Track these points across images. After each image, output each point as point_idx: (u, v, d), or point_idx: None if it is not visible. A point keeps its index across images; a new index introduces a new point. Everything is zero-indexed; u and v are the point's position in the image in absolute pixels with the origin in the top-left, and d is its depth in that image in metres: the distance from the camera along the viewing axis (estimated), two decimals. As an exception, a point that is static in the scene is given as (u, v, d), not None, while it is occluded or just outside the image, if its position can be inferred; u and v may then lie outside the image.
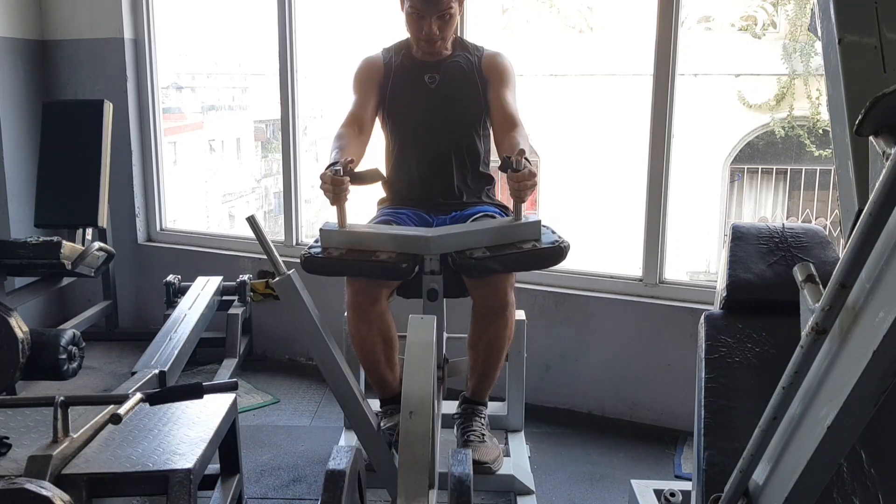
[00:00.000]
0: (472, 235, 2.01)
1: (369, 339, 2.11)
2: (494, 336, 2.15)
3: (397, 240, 2.00)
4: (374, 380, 2.21)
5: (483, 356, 2.19)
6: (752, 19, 6.06)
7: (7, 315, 1.96)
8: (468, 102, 2.32)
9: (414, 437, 1.40)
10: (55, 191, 3.44)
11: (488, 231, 2.02)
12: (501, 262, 1.98)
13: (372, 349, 2.12)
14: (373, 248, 1.99)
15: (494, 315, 2.12)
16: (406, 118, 2.36)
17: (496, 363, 2.21)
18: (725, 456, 1.39)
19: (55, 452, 1.62)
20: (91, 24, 3.81)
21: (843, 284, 0.91)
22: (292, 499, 2.41)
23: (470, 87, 2.32)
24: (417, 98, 2.32)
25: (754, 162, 6.52)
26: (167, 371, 2.52)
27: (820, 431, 0.96)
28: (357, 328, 2.10)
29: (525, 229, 2.01)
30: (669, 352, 2.87)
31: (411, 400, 1.45)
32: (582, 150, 6.42)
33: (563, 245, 2.01)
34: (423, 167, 2.34)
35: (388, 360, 2.17)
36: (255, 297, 3.54)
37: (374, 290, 2.07)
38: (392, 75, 2.34)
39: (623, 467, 2.63)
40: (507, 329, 2.16)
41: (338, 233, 2.01)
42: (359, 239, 2.01)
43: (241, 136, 7.65)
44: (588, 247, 4.96)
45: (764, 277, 1.63)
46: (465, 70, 2.32)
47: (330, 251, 2.00)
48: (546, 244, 2.01)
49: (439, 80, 2.31)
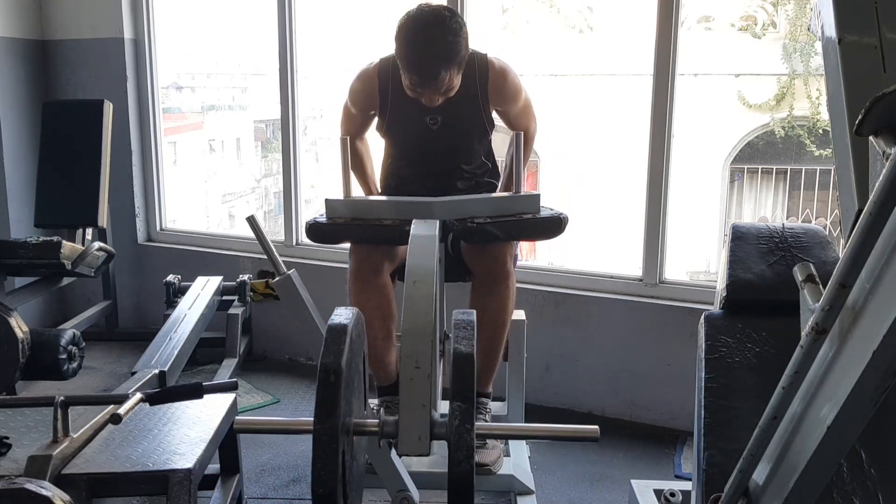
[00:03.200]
0: (474, 203, 2.07)
1: (368, 311, 2.06)
2: (497, 307, 2.14)
3: (401, 206, 2.05)
4: (372, 359, 2.15)
5: (485, 331, 2.12)
6: (752, 19, 6.06)
7: (7, 315, 1.96)
8: (473, 135, 2.28)
9: (418, 300, 1.47)
10: (55, 191, 3.44)
11: (490, 200, 2.10)
12: (502, 228, 2.04)
13: (370, 322, 2.08)
14: (376, 216, 2.04)
15: (495, 284, 2.14)
16: (406, 149, 2.32)
17: (499, 339, 2.19)
18: (725, 456, 1.39)
19: (55, 452, 1.62)
20: (91, 24, 3.81)
21: (843, 284, 0.91)
22: (292, 499, 2.41)
23: (475, 120, 2.24)
24: (418, 136, 2.25)
25: (754, 162, 6.52)
26: (167, 371, 2.52)
27: (820, 431, 0.96)
28: (357, 298, 2.10)
29: (525, 201, 2.09)
30: (669, 352, 2.87)
31: (415, 271, 1.53)
32: (582, 150, 6.42)
33: (562, 217, 2.09)
34: (422, 177, 2.33)
35: (387, 337, 2.16)
36: (255, 297, 3.54)
37: (377, 259, 2.09)
38: (389, 104, 2.22)
39: (623, 467, 2.63)
40: (509, 300, 2.17)
41: (342, 202, 2.05)
42: (363, 207, 2.07)
43: (241, 136, 7.65)
44: (588, 247, 4.96)
45: (764, 277, 1.63)
46: (468, 102, 2.20)
47: (335, 220, 2.03)
48: (546, 215, 2.09)
49: (441, 122, 2.21)
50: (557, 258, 4.53)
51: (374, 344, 2.14)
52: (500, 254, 2.13)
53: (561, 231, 2.07)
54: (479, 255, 2.14)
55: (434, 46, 1.99)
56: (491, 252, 2.11)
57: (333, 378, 1.20)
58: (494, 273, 2.13)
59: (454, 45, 2.01)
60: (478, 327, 2.18)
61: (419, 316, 1.44)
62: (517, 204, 2.08)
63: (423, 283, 1.51)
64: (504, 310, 2.16)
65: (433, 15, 2.02)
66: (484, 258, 2.13)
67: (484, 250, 2.11)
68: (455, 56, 2.02)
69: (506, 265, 2.14)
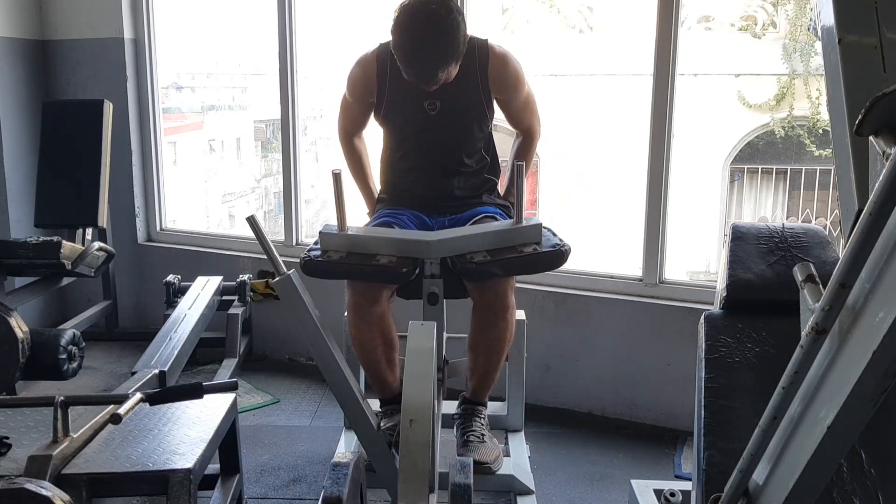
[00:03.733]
0: (472, 239, 2.00)
1: (370, 341, 2.10)
2: (494, 338, 2.14)
3: (397, 243, 1.99)
4: (375, 380, 2.20)
5: (483, 358, 2.19)
6: (752, 19, 6.06)
7: (7, 315, 1.96)
8: (472, 121, 2.25)
9: (414, 445, 1.41)
10: (55, 191, 3.44)
11: (489, 234, 2.01)
12: (502, 266, 1.97)
13: (372, 350, 2.12)
14: (373, 252, 1.98)
15: (495, 317, 2.12)
16: (404, 137, 2.30)
17: (496, 365, 2.21)
18: (725, 456, 1.39)
19: (55, 452, 1.62)
20: (91, 24, 3.81)
21: (843, 284, 0.91)
22: (292, 499, 2.41)
23: (474, 106, 2.22)
24: (416, 123, 2.23)
25: (754, 162, 6.53)
26: (167, 371, 2.52)
27: (820, 431, 0.96)
28: (358, 329, 2.10)
29: (526, 233, 2.01)
30: (669, 352, 2.87)
31: (411, 408, 1.44)
32: (582, 150, 6.42)
33: (564, 249, 2.01)
34: (422, 172, 2.30)
35: (389, 361, 2.17)
36: (255, 297, 3.54)
37: (374, 292, 2.06)
38: (388, 89, 2.21)
39: (623, 467, 2.63)
40: (507, 332, 2.16)
41: (338, 236, 2.00)
42: (359, 242, 2.00)
43: (241, 136, 7.65)
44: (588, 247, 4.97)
45: (764, 277, 1.63)
46: (468, 88, 2.19)
47: (330, 254, 2.00)
48: (547, 248, 2.00)
49: (440, 107, 2.19)
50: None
51: (378, 368, 2.16)
52: (501, 289, 2.08)
53: (563, 263, 2.02)
54: (480, 289, 2.09)
55: (431, 48, 1.98)
56: (491, 287, 2.07)
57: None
58: (494, 308, 2.10)
59: (452, 44, 1.99)
60: (476, 351, 2.22)
61: (416, 463, 1.39)
62: (518, 235, 2.01)
63: (420, 423, 1.43)
64: (502, 340, 2.16)
65: (430, 13, 1.98)
66: (484, 293, 2.09)
67: (484, 285, 2.07)
68: (453, 55, 2.01)
69: (506, 299, 2.11)
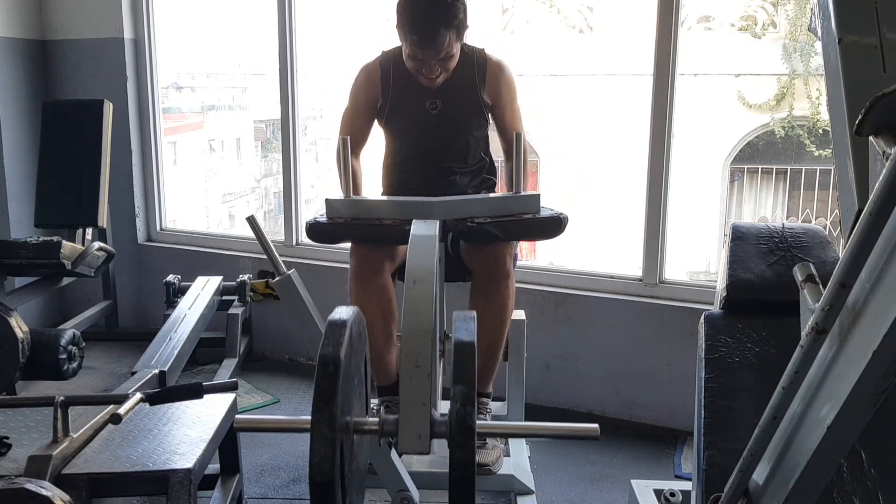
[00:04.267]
0: (474, 203, 2.07)
1: (369, 311, 2.07)
2: (497, 306, 2.15)
3: (401, 206, 2.05)
4: (373, 360, 2.17)
5: (486, 331, 2.13)
6: (752, 19, 6.06)
7: (7, 315, 1.96)
8: (471, 120, 2.33)
9: (419, 300, 1.46)
10: (55, 191, 3.44)
11: (490, 200, 2.10)
12: (502, 228, 2.04)
13: (371, 322, 2.09)
14: (377, 216, 2.03)
15: (495, 284, 2.14)
16: (406, 138, 2.36)
17: (499, 339, 2.20)
18: (725, 456, 1.39)
19: (55, 452, 1.62)
20: (91, 24, 3.81)
21: (843, 284, 0.91)
22: (292, 499, 2.41)
23: (472, 106, 2.30)
24: (418, 123, 2.31)
25: (754, 162, 6.53)
26: (167, 371, 2.52)
27: (820, 431, 0.96)
28: (357, 298, 2.11)
29: (525, 201, 2.08)
30: (669, 352, 2.87)
31: (415, 270, 1.52)
32: (582, 150, 6.42)
33: (562, 216, 2.08)
34: (423, 171, 2.35)
35: (387, 337, 2.16)
36: (255, 297, 3.54)
37: (377, 259, 2.10)
38: (391, 91, 2.30)
39: (623, 467, 2.63)
40: (509, 300, 2.17)
41: (343, 202, 2.04)
42: (364, 207, 2.06)
43: (241, 136, 7.66)
44: (588, 247, 4.97)
45: (764, 277, 1.63)
46: (466, 90, 2.29)
47: (335, 219, 2.03)
48: (546, 215, 2.08)
49: (440, 107, 2.28)
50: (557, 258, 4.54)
51: (375, 343, 2.14)
52: (500, 254, 2.13)
53: (561, 231, 2.08)
54: (479, 255, 2.15)
55: (434, 7, 2.10)
56: (491, 252, 2.12)
57: (332, 368, 1.20)
58: (494, 273, 2.14)
59: (454, 6, 2.11)
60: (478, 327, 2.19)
61: (419, 315, 1.43)
62: (517, 204, 2.08)
63: (423, 282, 1.50)
64: (504, 309, 2.17)
65: None
66: (484, 258, 2.14)
67: (483, 250, 2.12)
68: (454, 17, 2.12)
69: (505, 265, 2.15)
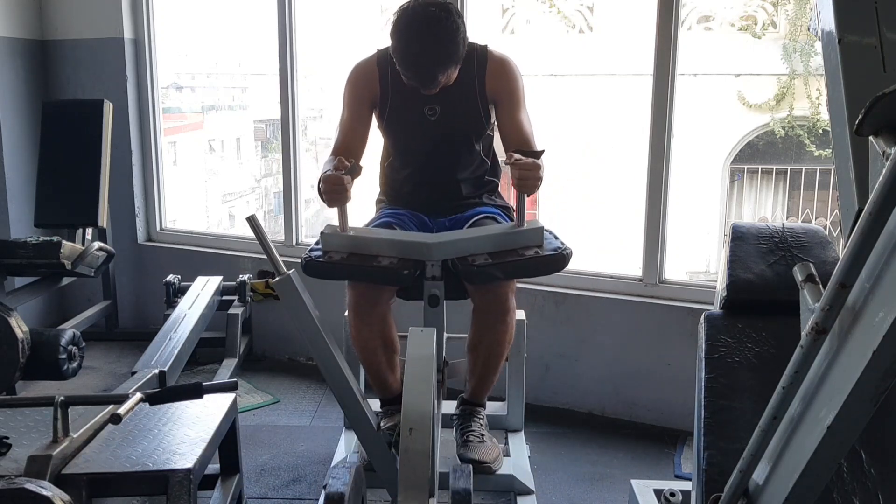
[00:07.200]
0: (473, 241, 2.00)
1: (370, 342, 2.10)
2: (494, 341, 2.14)
3: (399, 245, 1.99)
4: (375, 381, 2.20)
5: (482, 360, 2.19)
6: (752, 19, 6.06)
7: (7, 315, 1.96)
8: (470, 127, 2.24)
9: (414, 454, 1.40)
10: (55, 191, 3.44)
11: (490, 237, 2.00)
12: (503, 269, 1.97)
13: (373, 351, 2.12)
14: (374, 253, 1.98)
15: (495, 320, 2.12)
16: (405, 144, 2.29)
17: (495, 367, 2.21)
18: (725, 456, 1.39)
19: (55, 452, 1.62)
20: (91, 24, 3.80)
21: (843, 284, 0.91)
22: (292, 499, 2.41)
23: (472, 112, 2.21)
24: (417, 129, 2.23)
25: (754, 162, 6.53)
26: (167, 371, 2.52)
27: (820, 431, 0.96)
28: (358, 330, 2.10)
29: (527, 235, 2.00)
30: (669, 352, 2.87)
31: (411, 416, 1.44)
32: (582, 150, 6.42)
33: (566, 252, 2.00)
34: (422, 176, 2.30)
35: (389, 362, 2.16)
36: (255, 297, 3.54)
37: (375, 293, 2.06)
38: (389, 93, 2.20)
39: (623, 467, 2.63)
40: (507, 334, 2.16)
41: (339, 236, 2.00)
42: (360, 243, 2.00)
43: (241, 136, 7.66)
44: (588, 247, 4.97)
45: (764, 277, 1.63)
46: (467, 93, 2.18)
47: (331, 255, 2.00)
48: (548, 251, 2.00)
49: (440, 112, 2.18)
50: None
51: (378, 369, 2.16)
52: (502, 292, 2.08)
53: (564, 266, 2.02)
54: (480, 292, 2.10)
55: (431, 52, 1.97)
56: (492, 290, 2.07)
57: None
58: (494, 310, 2.10)
59: (451, 47, 1.98)
60: (475, 353, 2.21)
61: (416, 470, 1.38)
62: (519, 238, 2.00)
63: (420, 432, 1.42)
64: (502, 343, 2.15)
65: (430, 16, 1.97)
66: (485, 295, 2.09)
67: (485, 287, 2.07)
68: (452, 58, 2.01)
69: (507, 302, 2.11)
